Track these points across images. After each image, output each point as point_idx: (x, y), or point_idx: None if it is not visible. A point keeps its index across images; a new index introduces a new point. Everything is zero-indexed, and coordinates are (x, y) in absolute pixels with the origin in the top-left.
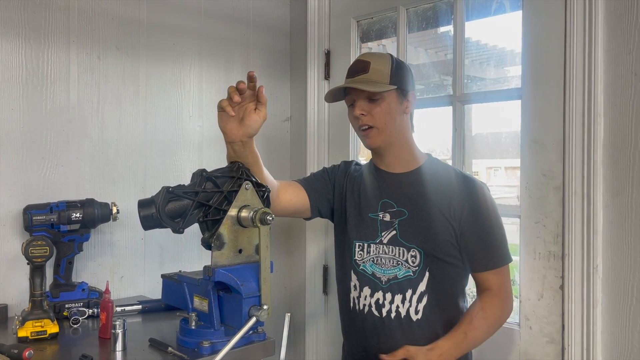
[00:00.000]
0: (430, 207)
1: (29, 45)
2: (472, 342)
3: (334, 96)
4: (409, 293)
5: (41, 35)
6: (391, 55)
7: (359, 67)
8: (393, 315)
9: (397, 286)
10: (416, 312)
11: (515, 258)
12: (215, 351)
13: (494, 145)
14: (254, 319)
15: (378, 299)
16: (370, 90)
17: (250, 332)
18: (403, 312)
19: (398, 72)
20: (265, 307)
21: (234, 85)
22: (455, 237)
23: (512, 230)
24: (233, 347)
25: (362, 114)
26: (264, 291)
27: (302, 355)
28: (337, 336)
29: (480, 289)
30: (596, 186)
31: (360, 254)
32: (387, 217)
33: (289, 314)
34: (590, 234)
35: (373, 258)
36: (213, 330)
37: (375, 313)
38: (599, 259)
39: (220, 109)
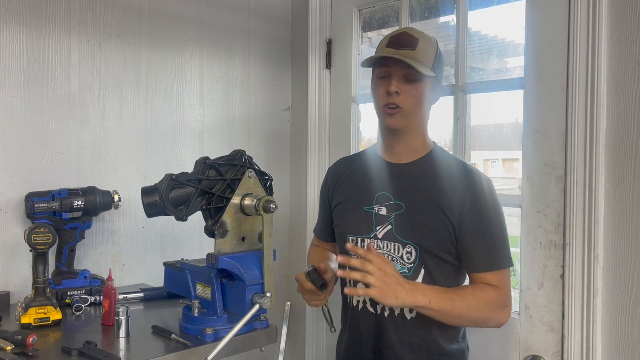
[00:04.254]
0: (429, 201)
1: (30, 31)
2: (449, 304)
3: (368, 62)
4: None
5: (42, 21)
6: (436, 41)
7: (406, 41)
8: (387, 312)
9: None
10: (410, 310)
11: (515, 250)
12: (218, 338)
13: (493, 136)
14: (257, 306)
15: None
16: (422, 71)
17: (253, 319)
18: (397, 310)
19: (439, 60)
20: (268, 294)
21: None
22: (454, 233)
23: (513, 221)
24: (236, 334)
25: (397, 92)
26: (267, 279)
27: (302, 344)
28: (336, 325)
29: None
30: (598, 176)
31: None
32: (383, 211)
33: (289, 303)
34: (592, 224)
35: None
36: (216, 317)
37: (370, 310)
38: (600, 249)
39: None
